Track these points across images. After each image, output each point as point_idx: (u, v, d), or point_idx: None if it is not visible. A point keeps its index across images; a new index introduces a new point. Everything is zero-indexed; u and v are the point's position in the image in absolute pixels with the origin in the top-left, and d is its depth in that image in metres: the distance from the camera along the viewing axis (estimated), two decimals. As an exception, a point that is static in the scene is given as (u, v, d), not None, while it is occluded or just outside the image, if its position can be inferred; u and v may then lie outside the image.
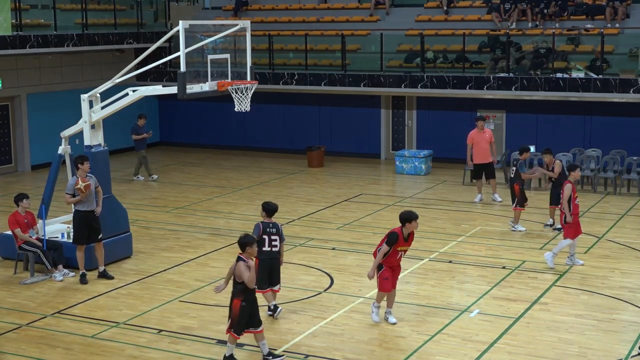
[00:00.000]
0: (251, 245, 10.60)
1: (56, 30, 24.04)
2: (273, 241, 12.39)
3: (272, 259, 12.39)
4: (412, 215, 11.93)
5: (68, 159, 15.79)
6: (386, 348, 11.45)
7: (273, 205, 12.70)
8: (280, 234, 12.46)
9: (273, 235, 12.37)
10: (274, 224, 12.47)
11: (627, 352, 11.21)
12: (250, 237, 10.75)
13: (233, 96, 15.35)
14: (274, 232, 12.40)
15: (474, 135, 20.12)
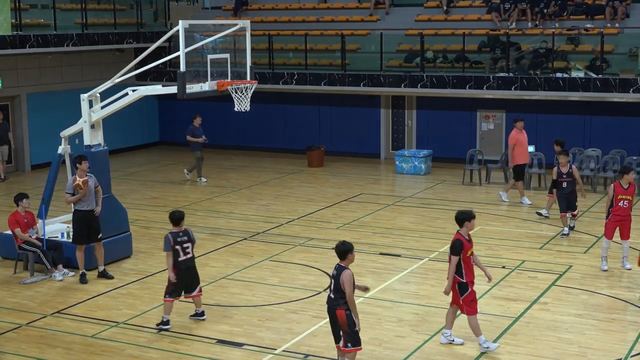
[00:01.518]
0: (352, 251, 10.12)
1: (56, 30, 24.04)
2: (186, 249, 12.19)
3: (189, 267, 12.25)
4: (470, 214, 11.39)
5: (68, 158, 15.80)
6: (386, 348, 11.45)
7: (177, 214, 12.41)
8: (192, 239, 12.30)
9: (185, 244, 12.17)
10: (184, 232, 12.28)
11: (627, 351, 11.22)
12: (348, 243, 10.15)
13: (233, 96, 15.36)
14: (185, 240, 12.20)
15: (516, 135, 19.90)
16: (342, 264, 10.07)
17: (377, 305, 13.13)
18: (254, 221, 18.72)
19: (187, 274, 12.25)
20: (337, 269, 10.06)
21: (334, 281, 10.01)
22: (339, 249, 10.12)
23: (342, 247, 10.11)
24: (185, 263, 12.21)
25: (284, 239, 17.14)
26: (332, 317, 10.09)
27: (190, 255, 12.27)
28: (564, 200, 16.87)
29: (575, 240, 16.67)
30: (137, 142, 29.23)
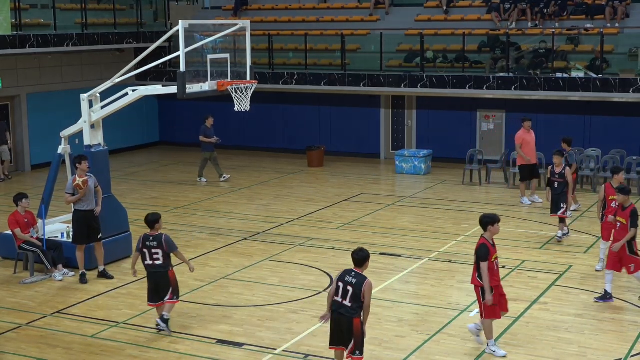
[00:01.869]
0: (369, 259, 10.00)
1: (56, 30, 24.04)
2: (154, 254, 11.91)
3: (156, 272, 11.96)
4: (495, 217, 11.19)
5: (68, 158, 15.81)
6: (386, 347, 11.45)
7: (150, 216, 12.09)
8: (163, 246, 11.91)
9: (154, 249, 11.90)
10: (156, 237, 11.98)
11: (627, 351, 11.22)
12: (367, 250, 10.00)
13: (233, 96, 15.36)
14: (155, 246, 11.90)
15: (522, 135, 19.90)
16: (359, 271, 9.87)
17: (377, 305, 13.11)
18: (254, 221, 18.72)
19: (153, 278, 11.99)
20: (355, 276, 9.78)
21: (353, 289, 9.69)
22: (359, 256, 9.88)
23: (362, 253, 9.89)
24: (151, 268, 11.98)
25: (284, 239, 17.15)
26: (347, 325, 9.76)
27: (158, 262, 11.93)
28: (553, 201, 16.60)
29: (575, 241, 16.68)
30: (137, 142, 29.23)
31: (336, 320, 9.87)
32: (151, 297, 12.09)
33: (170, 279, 12.01)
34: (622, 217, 12.99)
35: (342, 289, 9.77)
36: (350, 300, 9.71)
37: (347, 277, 9.81)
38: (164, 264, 11.97)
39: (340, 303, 9.77)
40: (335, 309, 9.83)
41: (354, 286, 9.72)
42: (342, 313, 9.77)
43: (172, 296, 12.02)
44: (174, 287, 12.04)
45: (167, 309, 12.05)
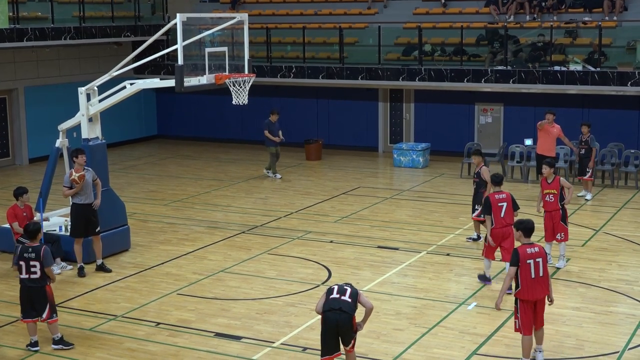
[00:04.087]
0: None
1: (53, 23, 24.00)
2: (32, 267, 11.07)
3: (31, 287, 11.13)
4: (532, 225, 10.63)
5: (66, 152, 15.80)
6: (384, 341, 11.47)
7: (31, 226, 11.45)
8: (41, 259, 11.04)
9: (32, 261, 11.05)
10: (35, 248, 11.14)
11: (624, 344, 11.24)
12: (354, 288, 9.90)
13: (231, 89, 15.35)
14: (33, 257, 11.04)
15: (543, 124, 19.71)
16: None
17: (375, 298, 13.12)
18: (252, 214, 18.73)
19: (28, 293, 11.18)
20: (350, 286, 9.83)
21: (350, 290, 9.73)
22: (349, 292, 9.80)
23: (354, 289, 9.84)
24: (28, 282, 11.16)
25: (282, 232, 17.16)
26: (348, 323, 9.67)
27: (35, 276, 11.08)
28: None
29: (573, 234, 16.67)
30: (135, 135, 29.20)
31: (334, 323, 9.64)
32: (26, 312, 11.24)
33: (48, 295, 11.22)
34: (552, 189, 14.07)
35: (338, 288, 9.79)
36: (350, 297, 9.68)
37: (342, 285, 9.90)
38: (41, 277, 11.11)
39: (338, 299, 9.65)
40: (332, 308, 9.62)
41: (351, 289, 9.80)
42: (344, 310, 9.58)
43: (50, 314, 11.21)
44: (51, 304, 11.26)
45: (53, 331, 11.36)
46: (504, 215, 13.29)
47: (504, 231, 13.26)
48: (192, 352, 11.22)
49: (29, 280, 11.18)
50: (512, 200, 13.47)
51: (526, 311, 10.25)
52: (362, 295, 9.86)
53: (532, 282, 10.17)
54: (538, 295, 10.25)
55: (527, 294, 10.20)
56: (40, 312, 11.23)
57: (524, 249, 10.27)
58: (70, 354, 11.17)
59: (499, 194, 13.47)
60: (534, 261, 10.19)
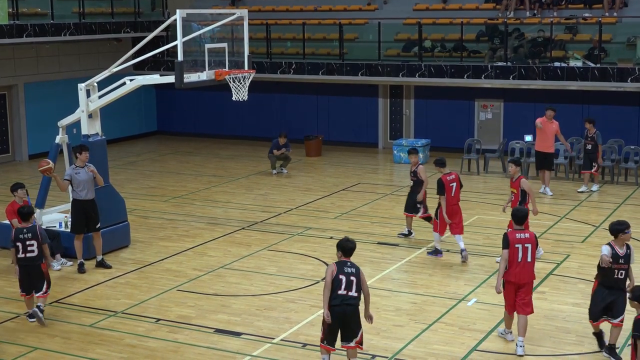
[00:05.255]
0: None
1: (53, 19, 23.98)
2: (29, 246, 11.82)
3: (28, 265, 11.92)
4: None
5: (65, 148, 15.79)
6: (384, 337, 11.48)
7: (25, 209, 12.22)
8: (37, 237, 11.87)
9: (29, 241, 11.79)
10: (29, 229, 11.93)
11: (624, 340, 11.24)
12: (354, 241, 9.94)
13: (230, 85, 15.34)
14: (30, 237, 11.82)
15: (542, 121, 19.84)
16: (350, 260, 9.84)
17: (375, 294, 13.12)
18: (252, 211, 18.73)
19: (26, 272, 11.96)
20: (351, 266, 9.72)
21: (357, 280, 9.64)
22: (350, 246, 9.82)
23: (353, 244, 9.87)
24: (24, 261, 11.90)
25: (282, 228, 17.16)
26: (355, 316, 9.71)
27: (32, 254, 11.86)
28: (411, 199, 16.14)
29: (572, 230, 16.69)
30: (135, 131, 29.20)
31: (343, 313, 9.64)
32: (25, 289, 12.07)
33: (44, 272, 12.02)
34: (513, 188, 14.37)
35: (346, 281, 9.64)
36: (356, 291, 9.67)
37: (345, 269, 9.72)
38: (39, 255, 11.89)
39: (346, 295, 9.62)
40: (339, 303, 9.61)
41: (355, 275, 9.68)
42: (350, 304, 9.63)
43: (46, 289, 12.04)
44: (48, 280, 12.07)
45: (42, 301, 12.09)
46: (453, 194, 14.67)
47: (453, 208, 14.67)
48: (192, 348, 11.23)
49: (25, 260, 11.90)
50: (459, 180, 14.86)
51: (509, 292, 10.88)
52: (363, 277, 9.80)
53: (518, 266, 10.74)
54: (522, 279, 10.79)
55: (512, 276, 10.77)
56: (39, 288, 12.02)
57: (514, 234, 10.86)
58: (70, 350, 11.18)
59: (449, 175, 14.73)
60: (522, 246, 10.74)
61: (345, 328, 9.76)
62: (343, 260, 9.82)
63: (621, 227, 10.49)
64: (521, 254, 10.74)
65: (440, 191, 14.57)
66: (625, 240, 10.53)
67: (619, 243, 10.49)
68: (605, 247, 10.48)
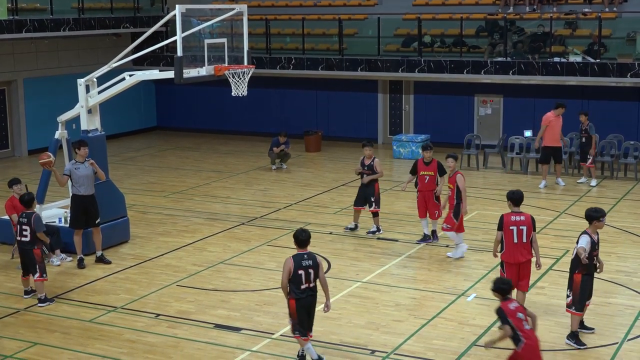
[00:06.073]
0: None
1: (52, 15, 23.95)
2: (24, 231, 12.70)
3: (23, 249, 12.77)
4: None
5: (65, 143, 15.79)
6: (383, 332, 11.49)
7: (26, 196, 13.01)
8: (32, 224, 12.60)
9: (24, 225, 12.68)
10: (27, 214, 12.76)
11: (623, 335, 11.26)
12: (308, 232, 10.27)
13: (230, 81, 15.33)
14: (25, 222, 12.67)
15: (550, 117, 19.97)
16: (305, 250, 10.16)
17: (374, 289, 13.17)
18: (252, 206, 18.73)
19: (21, 254, 12.87)
20: (308, 257, 10.07)
21: (314, 271, 10.06)
22: (304, 237, 10.14)
23: (307, 234, 10.18)
24: (20, 244, 12.80)
25: (282, 223, 17.16)
26: (314, 304, 10.25)
27: (25, 239, 12.68)
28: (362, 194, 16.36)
29: (572, 225, 16.69)
30: (134, 127, 29.19)
31: (310, 305, 10.18)
32: (22, 268, 12.97)
33: (36, 257, 12.64)
34: (450, 183, 14.52)
35: (305, 274, 10.05)
36: (314, 281, 10.12)
37: (303, 262, 10.06)
38: (31, 241, 12.62)
39: (308, 287, 10.10)
40: (305, 296, 10.09)
41: (313, 267, 10.07)
42: (311, 295, 10.16)
43: (41, 274, 12.63)
44: (40, 265, 12.64)
45: (39, 289, 12.69)
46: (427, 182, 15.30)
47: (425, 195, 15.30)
48: (191, 343, 11.24)
49: (19, 242, 12.76)
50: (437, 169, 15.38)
51: (510, 271, 11.39)
52: (321, 265, 10.17)
53: (514, 246, 11.30)
54: (519, 258, 11.35)
55: (509, 256, 11.36)
56: (33, 272, 12.64)
57: (509, 216, 11.39)
58: (70, 345, 11.19)
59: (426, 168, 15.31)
60: (517, 228, 11.28)
61: (310, 318, 10.28)
62: (300, 252, 10.16)
63: (597, 214, 10.82)
64: (516, 235, 11.25)
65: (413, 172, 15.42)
66: (598, 228, 10.89)
67: (593, 230, 10.85)
68: (585, 238, 10.75)
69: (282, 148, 22.84)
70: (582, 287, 10.91)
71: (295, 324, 10.24)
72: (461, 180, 14.45)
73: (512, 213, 11.42)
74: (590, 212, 10.88)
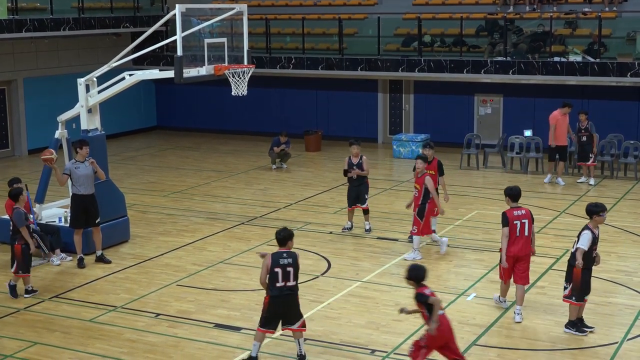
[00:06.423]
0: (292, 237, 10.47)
1: (52, 14, 23.94)
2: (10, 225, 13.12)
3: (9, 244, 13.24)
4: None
5: (65, 143, 15.79)
6: (383, 332, 11.49)
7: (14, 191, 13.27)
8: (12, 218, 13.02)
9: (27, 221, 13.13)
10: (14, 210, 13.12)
11: (623, 335, 11.26)
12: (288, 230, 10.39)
13: (230, 80, 15.33)
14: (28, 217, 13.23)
15: (557, 116, 20.12)
16: (286, 249, 10.21)
17: (374, 289, 13.17)
18: (252, 205, 18.73)
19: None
20: (287, 256, 10.12)
21: (293, 269, 10.09)
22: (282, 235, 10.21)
23: (286, 233, 10.25)
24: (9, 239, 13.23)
25: (282, 223, 17.13)
26: (294, 303, 10.29)
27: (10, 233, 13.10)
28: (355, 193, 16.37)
29: (572, 225, 16.69)
30: (134, 126, 29.19)
31: (283, 302, 10.19)
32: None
33: (15, 252, 12.91)
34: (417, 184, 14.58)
35: (282, 273, 10.10)
36: (294, 279, 10.15)
37: (281, 261, 10.11)
38: (13, 236, 12.99)
39: (284, 286, 10.13)
40: (278, 294, 10.13)
41: (292, 265, 10.11)
42: (288, 293, 10.17)
43: (16, 269, 12.86)
44: (18, 261, 12.87)
45: (13, 278, 13.03)
46: None
47: None
48: (191, 343, 11.24)
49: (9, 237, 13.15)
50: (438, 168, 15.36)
51: (508, 263, 11.73)
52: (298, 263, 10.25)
53: (515, 239, 11.66)
54: (519, 251, 11.70)
55: (510, 249, 11.68)
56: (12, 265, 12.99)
57: (512, 212, 11.74)
58: (70, 345, 11.20)
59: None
60: (520, 222, 11.67)
61: (287, 315, 10.29)
62: (279, 251, 10.23)
63: (597, 209, 11.09)
64: (519, 229, 11.64)
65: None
66: (599, 223, 11.15)
67: (594, 225, 11.10)
68: (587, 235, 11.00)
69: (282, 148, 22.86)
70: (583, 279, 11.16)
71: (264, 317, 10.35)
72: (430, 181, 14.50)
73: (513, 208, 11.76)
74: (590, 207, 11.18)
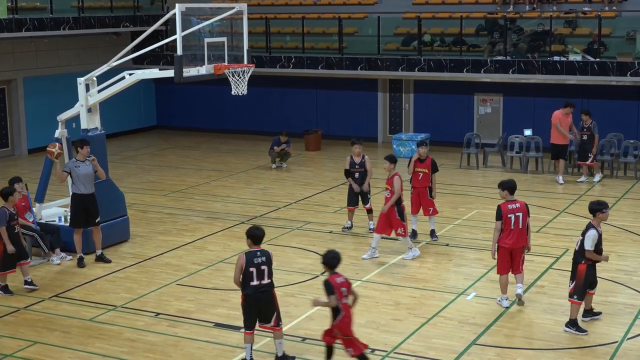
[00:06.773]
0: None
1: (52, 14, 23.95)
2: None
3: None
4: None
5: (65, 142, 15.79)
6: (383, 331, 11.49)
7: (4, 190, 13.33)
8: None
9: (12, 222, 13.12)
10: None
11: (623, 334, 11.27)
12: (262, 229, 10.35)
13: (230, 80, 15.33)
14: (15, 218, 13.21)
15: (559, 115, 20.26)
16: (259, 248, 10.18)
17: (374, 288, 13.18)
18: (252, 205, 18.73)
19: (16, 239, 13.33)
20: (261, 254, 10.09)
21: (267, 267, 10.07)
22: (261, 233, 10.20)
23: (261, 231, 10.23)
24: None
25: (282, 222, 17.16)
26: (270, 299, 10.22)
27: None
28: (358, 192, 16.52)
29: (573, 224, 16.70)
30: (134, 126, 29.19)
31: (257, 301, 10.14)
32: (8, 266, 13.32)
33: None
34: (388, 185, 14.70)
35: (257, 272, 10.07)
36: (269, 277, 10.14)
37: (255, 260, 10.09)
38: None
39: (259, 285, 10.09)
40: (253, 292, 10.08)
41: (266, 264, 10.10)
42: (263, 291, 10.13)
43: None
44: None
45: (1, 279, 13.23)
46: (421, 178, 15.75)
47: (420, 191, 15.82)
48: (192, 342, 11.24)
49: None
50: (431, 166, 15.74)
51: (503, 256, 11.98)
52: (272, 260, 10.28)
53: (510, 232, 11.88)
54: (514, 244, 11.92)
55: (505, 242, 11.89)
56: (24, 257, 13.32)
57: (506, 205, 11.97)
58: (70, 344, 11.20)
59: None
60: (514, 215, 11.89)
61: (261, 313, 10.26)
62: (253, 250, 10.19)
63: (599, 206, 11.26)
64: (513, 222, 11.85)
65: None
66: (602, 220, 11.30)
67: (598, 222, 11.23)
68: (593, 233, 11.11)
69: (283, 147, 22.87)
70: (586, 276, 11.22)
71: (244, 320, 10.34)
72: (398, 182, 14.53)
73: (508, 202, 11.98)
74: (592, 205, 11.32)
